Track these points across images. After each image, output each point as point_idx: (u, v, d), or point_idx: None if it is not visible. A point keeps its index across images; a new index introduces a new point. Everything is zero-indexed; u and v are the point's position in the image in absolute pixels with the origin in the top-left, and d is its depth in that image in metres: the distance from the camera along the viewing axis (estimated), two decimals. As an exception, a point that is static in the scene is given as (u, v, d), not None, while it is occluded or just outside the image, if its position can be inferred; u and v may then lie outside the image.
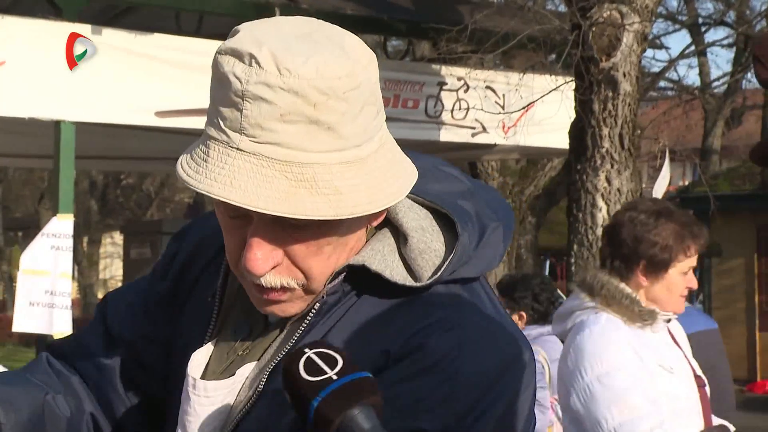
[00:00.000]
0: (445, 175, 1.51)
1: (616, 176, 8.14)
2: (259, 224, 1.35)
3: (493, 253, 1.47)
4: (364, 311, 1.41)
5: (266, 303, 1.41)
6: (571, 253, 8.31)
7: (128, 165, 16.48)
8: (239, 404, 1.44)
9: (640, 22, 8.17)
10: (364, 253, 1.42)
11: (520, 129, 10.39)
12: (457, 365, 1.35)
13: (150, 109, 8.72)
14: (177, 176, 1.37)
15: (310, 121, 1.31)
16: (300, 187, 1.31)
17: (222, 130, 1.33)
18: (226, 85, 1.32)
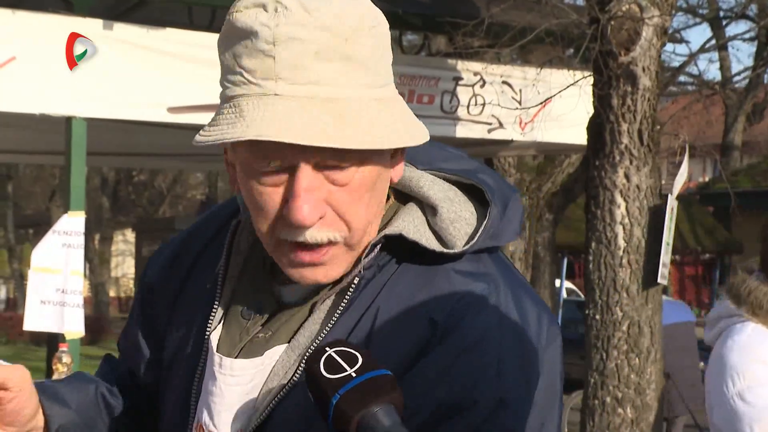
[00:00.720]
0: (453, 155, 1.55)
1: (635, 172, 8.02)
2: (303, 172, 1.35)
3: (517, 222, 1.50)
4: (404, 281, 1.43)
5: (309, 267, 1.40)
6: (589, 251, 8.19)
7: (140, 161, 16.48)
8: (274, 388, 1.43)
9: (660, 16, 8.03)
10: (398, 224, 1.45)
11: (537, 125, 10.28)
12: (503, 335, 1.38)
13: (162, 104, 8.66)
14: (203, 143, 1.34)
15: (343, 56, 1.34)
16: (342, 122, 1.32)
17: (252, 83, 1.34)
18: (251, 36, 1.33)
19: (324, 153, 1.34)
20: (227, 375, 1.45)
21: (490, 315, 1.39)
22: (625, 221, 8.01)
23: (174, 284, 1.60)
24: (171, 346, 1.57)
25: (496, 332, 1.38)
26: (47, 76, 8.17)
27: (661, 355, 8.25)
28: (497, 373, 1.36)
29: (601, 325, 8.05)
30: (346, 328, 1.42)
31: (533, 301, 1.46)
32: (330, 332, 1.41)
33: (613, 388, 8.02)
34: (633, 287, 7.99)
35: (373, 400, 1.25)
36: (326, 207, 1.37)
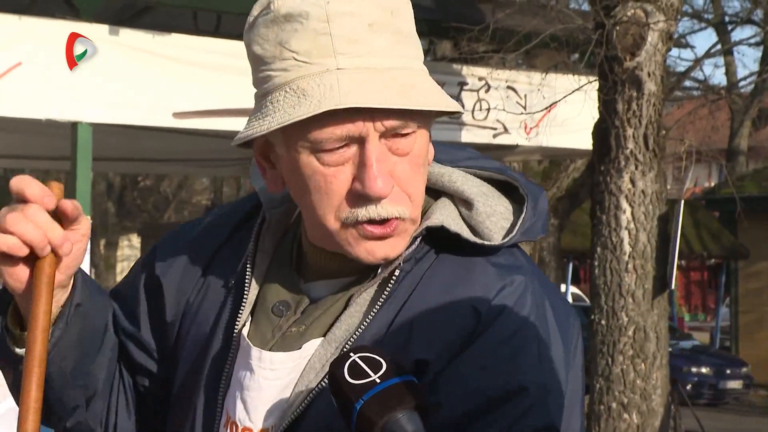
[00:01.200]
0: (475, 155, 1.57)
1: (641, 177, 8.01)
2: (374, 144, 1.36)
3: (544, 221, 1.52)
4: (442, 273, 1.44)
5: (377, 241, 1.41)
6: (594, 256, 8.19)
7: (146, 167, 16.49)
8: (310, 381, 1.42)
9: (665, 21, 8.03)
10: (436, 216, 1.45)
11: (542, 129, 10.27)
12: (541, 323, 1.41)
13: (168, 109, 8.67)
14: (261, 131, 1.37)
15: (394, 29, 1.38)
16: (405, 88, 1.35)
17: (309, 64, 1.35)
18: (301, 19, 1.35)
19: (391, 120, 1.36)
20: (267, 369, 1.45)
21: (529, 305, 1.42)
22: (631, 226, 8.00)
23: (186, 284, 1.59)
24: (194, 341, 1.56)
25: (535, 321, 1.41)
26: (53, 82, 8.18)
27: (667, 360, 8.24)
28: (539, 360, 1.39)
29: (607, 330, 8.04)
30: (385, 320, 1.42)
31: (560, 294, 1.52)
32: (370, 324, 1.42)
33: (618, 393, 8.01)
34: (638, 292, 7.98)
35: (397, 405, 1.26)
36: (393, 181, 1.39)
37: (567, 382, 1.43)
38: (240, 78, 8.83)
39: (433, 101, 1.37)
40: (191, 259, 1.61)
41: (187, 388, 1.55)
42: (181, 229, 1.70)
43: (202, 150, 11.22)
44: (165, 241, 1.67)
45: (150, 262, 1.64)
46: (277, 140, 1.43)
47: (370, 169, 1.36)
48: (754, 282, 19.32)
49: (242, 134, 1.40)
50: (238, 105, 8.78)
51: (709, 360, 17.31)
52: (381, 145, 1.37)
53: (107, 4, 8.93)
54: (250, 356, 1.47)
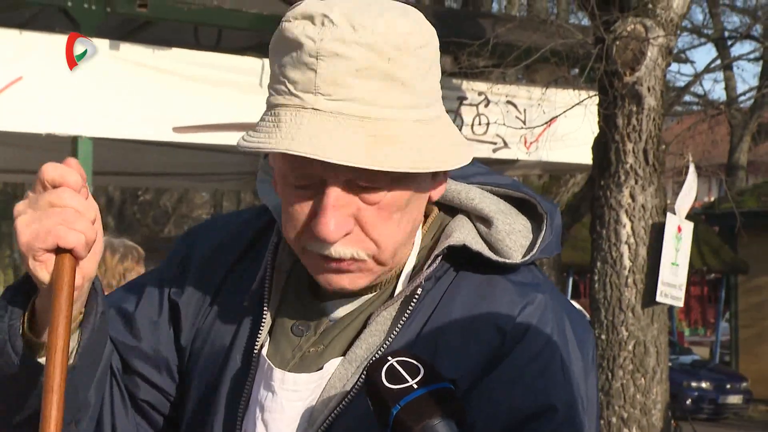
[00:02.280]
0: (488, 170, 1.56)
1: (641, 192, 8.01)
2: (332, 189, 1.34)
3: (559, 235, 1.52)
4: (463, 291, 1.44)
5: (334, 273, 1.40)
6: (594, 270, 8.18)
7: (146, 181, 16.49)
8: (330, 400, 1.42)
9: (665, 36, 8.04)
10: (457, 235, 1.45)
11: (542, 144, 10.28)
12: (562, 339, 1.42)
13: (168, 124, 8.69)
14: (243, 149, 1.35)
15: (385, 76, 1.32)
16: (378, 142, 1.31)
17: (293, 94, 1.33)
18: (296, 48, 1.33)
19: (355, 172, 1.33)
20: (289, 390, 1.44)
21: (551, 323, 1.42)
22: (631, 241, 7.99)
23: (198, 306, 1.57)
24: (210, 361, 1.54)
25: (557, 339, 1.41)
26: (53, 96, 8.20)
27: (667, 375, 8.22)
28: (564, 378, 1.40)
29: (607, 344, 8.02)
30: (408, 338, 1.41)
31: (575, 308, 1.51)
32: (392, 343, 1.41)
33: (618, 408, 7.99)
34: (638, 307, 7.97)
35: (434, 412, 1.25)
36: (353, 224, 1.37)
37: (587, 396, 1.44)
38: (240, 93, 8.87)
39: (399, 162, 1.32)
40: (203, 280, 1.59)
41: (204, 409, 1.53)
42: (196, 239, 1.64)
43: (202, 164, 11.23)
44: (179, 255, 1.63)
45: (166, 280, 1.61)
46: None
47: (322, 215, 1.35)
48: (754, 297, 19.31)
49: (238, 143, 1.39)
50: (239, 119, 8.79)
51: (709, 375, 17.28)
52: (344, 191, 1.35)
53: (108, 19, 8.95)
54: (272, 377, 1.45)
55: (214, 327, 1.55)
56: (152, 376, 1.57)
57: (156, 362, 1.57)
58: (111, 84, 8.35)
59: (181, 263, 1.61)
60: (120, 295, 1.64)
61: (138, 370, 1.57)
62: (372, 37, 1.32)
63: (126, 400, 1.56)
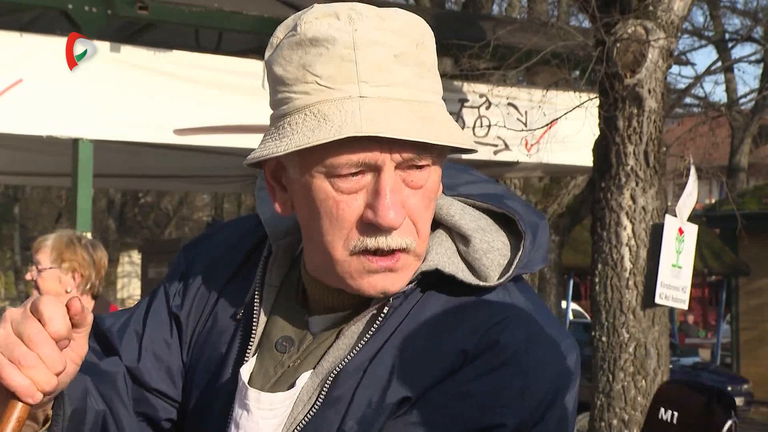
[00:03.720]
0: (479, 178, 1.56)
1: (641, 194, 8.01)
2: (389, 173, 1.36)
3: (545, 249, 1.51)
4: (430, 309, 1.43)
5: (381, 274, 1.39)
6: (595, 272, 8.18)
7: (147, 183, 16.49)
8: (299, 413, 1.42)
9: (666, 38, 8.04)
10: (432, 257, 1.44)
11: (543, 146, 10.28)
12: (529, 359, 1.39)
13: (169, 126, 8.68)
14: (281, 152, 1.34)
15: (417, 61, 1.37)
16: (425, 121, 1.34)
17: (332, 89, 1.34)
18: (327, 43, 1.34)
19: (408, 151, 1.36)
20: (266, 410, 1.44)
21: (518, 342, 1.39)
22: (632, 243, 7.99)
23: (201, 310, 1.59)
24: (203, 375, 1.55)
25: (522, 358, 1.38)
26: (54, 99, 8.19)
27: (668, 377, 8.22)
28: (521, 397, 1.37)
29: (608, 346, 8.02)
30: (370, 353, 1.41)
31: (557, 332, 1.46)
32: (354, 357, 1.41)
33: (619, 410, 7.99)
34: (639, 309, 7.97)
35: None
36: (405, 212, 1.39)
37: (550, 422, 1.40)
38: (241, 95, 8.87)
39: (452, 137, 1.36)
40: (201, 293, 1.60)
41: (197, 423, 1.55)
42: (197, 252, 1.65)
43: (203, 166, 11.22)
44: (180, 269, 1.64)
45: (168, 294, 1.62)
46: (292, 163, 1.42)
47: (384, 199, 1.35)
48: (755, 299, 19.29)
49: (257, 153, 1.38)
50: (239, 122, 8.79)
51: (710, 377, 17.27)
52: (396, 176, 1.37)
53: (109, 21, 8.95)
54: (247, 396, 1.46)
55: (209, 341, 1.56)
56: (169, 391, 1.58)
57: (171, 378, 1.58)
58: (112, 86, 8.35)
59: (182, 277, 1.62)
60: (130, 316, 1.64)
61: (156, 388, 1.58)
62: (400, 25, 1.37)
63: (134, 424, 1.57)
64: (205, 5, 9.16)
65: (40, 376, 1.23)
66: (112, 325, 1.62)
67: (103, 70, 8.27)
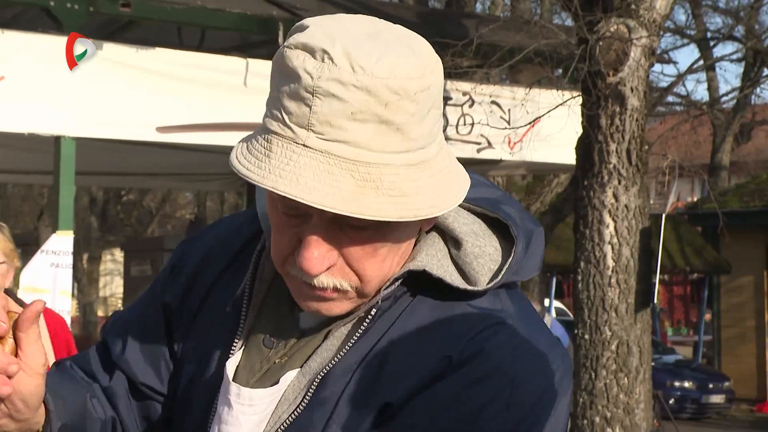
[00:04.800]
0: (478, 181, 1.51)
1: (624, 192, 8.04)
2: (318, 223, 1.33)
3: (537, 259, 1.48)
4: (419, 314, 1.42)
5: (313, 299, 1.39)
6: (577, 270, 8.20)
7: (129, 181, 16.45)
8: (284, 413, 1.42)
9: (648, 37, 8.07)
10: (421, 258, 1.42)
11: (526, 144, 10.30)
12: (516, 369, 1.36)
13: (151, 124, 8.66)
14: (235, 170, 1.33)
15: (380, 120, 1.30)
16: (366, 187, 1.29)
17: (287, 125, 1.30)
18: (294, 79, 1.30)
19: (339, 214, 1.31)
20: (245, 405, 1.44)
21: (505, 351, 1.37)
22: (614, 241, 8.02)
23: (193, 302, 1.59)
24: (190, 367, 1.55)
25: (509, 368, 1.36)
26: (36, 96, 8.16)
27: (650, 375, 8.25)
28: (506, 407, 1.35)
29: (590, 344, 8.05)
30: (358, 356, 1.40)
31: (547, 342, 1.43)
32: (342, 359, 1.40)
33: (602, 407, 8.01)
34: (622, 307, 8.00)
35: None
36: (336, 257, 1.35)
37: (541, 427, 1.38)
38: (224, 93, 8.86)
39: (386, 209, 1.29)
40: (194, 286, 1.60)
41: (182, 414, 1.55)
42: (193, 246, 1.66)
43: (185, 164, 11.20)
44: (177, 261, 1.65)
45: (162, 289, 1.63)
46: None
47: (306, 248, 1.34)
48: (736, 297, 19.38)
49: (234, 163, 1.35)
50: (222, 119, 8.78)
51: (691, 374, 17.34)
52: (329, 227, 1.34)
53: (91, 19, 8.92)
54: (229, 391, 1.46)
55: (199, 333, 1.56)
56: (156, 386, 1.59)
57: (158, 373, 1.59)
58: (94, 84, 8.32)
59: (174, 268, 1.64)
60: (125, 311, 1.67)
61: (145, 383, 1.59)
62: (371, 81, 1.28)
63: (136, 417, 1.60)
64: (187, 2, 9.14)
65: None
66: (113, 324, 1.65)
67: (85, 67, 8.24)
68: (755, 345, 19.06)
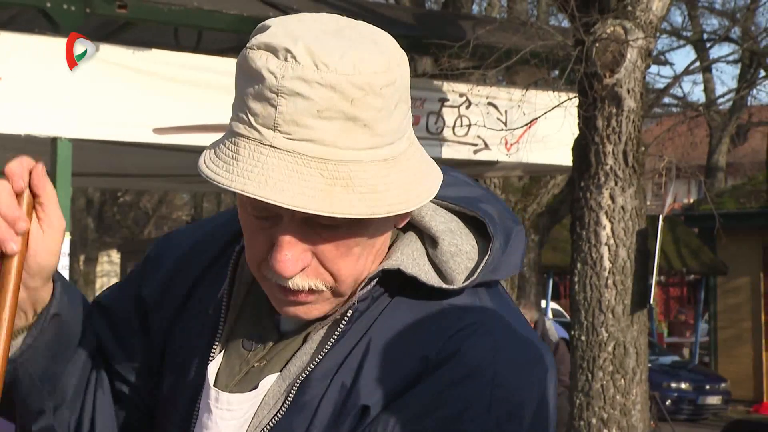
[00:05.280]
0: (458, 180, 1.51)
1: (620, 193, 8.05)
2: (290, 224, 1.32)
3: (518, 256, 1.47)
4: (397, 315, 1.40)
5: (290, 304, 1.38)
6: (574, 272, 8.21)
7: (126, 182, 16.44)
8: (264, 417, 1.41)
9: (644, 38, 8.08)
10: (396, 257, 1.41)
11: (522, 146, 10.30)
12: (496, 369, 1.35)
13: (148, 125, 8.65)
14: (204, 175, 1.32)
15: (346, 117, 1.28)
16: (335, 185, 1.28)
17: (253, 127, 1.29)
18: (258, 80, 1.28)
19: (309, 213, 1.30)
20: (224, 410, 1.43)
21: (484, 350, 1.35)
22: (611, 242, 8.03)
23: (174, 301, 1.57)
24: (173, 369, 1.55)
25: (488, 368, 1.34)
26: (33, 97, 8.15)
27: (647, 376, 8.25)
28: (487, 408, 1.34)
29: (587, 345, 8.05)
30: (337, 359, 1.39)
31: (528, 340, 1.42)
32: (320, 363, 1.39)
33: (598, 409, 8.02)
34: (618, 308, 8.00)
35: None
36: (310, 257, 1.34)
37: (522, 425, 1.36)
38: (220, 94, 8.85)
39: (357, 207, 1.28)
40: (174, 283, 1.58)
41: (164, 420, 1.54)
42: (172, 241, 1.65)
43: (182, 165, 11.18)
44: (155, 255, 1.64)
45: (138, 281, 1.61)
46: None
47: (278, 250, 1.32)
48: (733, 298, 19.41)
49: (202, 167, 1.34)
50: (219, 121, 8.77)
51: (688, 375, 17.36)
52: (301, 228, 1.32)
53: (87, 20, 8.91)
54: (209, 396, 1.45)
55: (181, 333, 1.54)
56: (129, 377, 1.58)
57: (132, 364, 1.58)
58: (90, 85, 8.31)
59: (152, 262, 1.62)
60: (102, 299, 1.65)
61: (118, 371, 1.58)
62: (335, 78, 1.27)
63: (108, 394, 1.58)
64: (184, 4, 9.14)
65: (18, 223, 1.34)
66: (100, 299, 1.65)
67: (81, 68, 8.23)
68: (752, 346, 19.09)
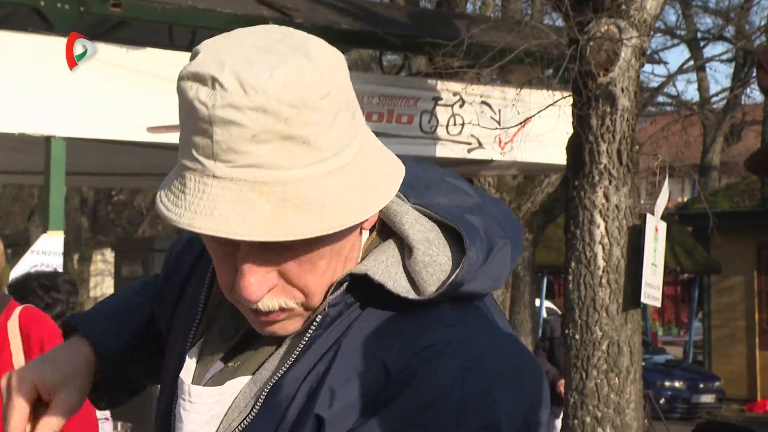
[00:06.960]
0: (453, 188, 1.47)
1: (615, 192, 8.05)
2: (249, 250, 1.30)
3: (501, 271, 1.42)
4: (368, 324, 1.37)
5: (265, 324, 1.37)
6: (568, 270, 8.21)
7: (120, 181, 16.43)
8: (234, 420, 1.40)
9: (639, 37, 8.08)
10: (367, 263, 1.38)
11: (516, 144, 10.31)
12: (465, 391, 1.29)
13: (142, 124, 8.65)
14: (158, 212, 1.31)
15: (283, 137, 1.25)
16: (284, 206, 1.25)
17: (195, 159, 1.27)
18: (192, 111, 1.26)
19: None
20: (187, 401, 1.44)
21: (453, 368, 1.30)
22: (605, 241, 8.03)
23: (172, 296, 1.61)
24: (168, 359, 1.58)
25: (456, 389, 1.29)
26: (26, 96, 8.15)
27: (641, 374, 8.26)
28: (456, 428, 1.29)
29: (581, 344, 8.06)
30: (308, 365, 1.37)
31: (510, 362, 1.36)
32: (290, 368, 1.38)
33: (593, 407, 8.02)
34: (612, 307, 8.00)
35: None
36: (276, 278, 1.33)
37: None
38: (215, 93, 8.85)
39: (309, 225, 1.26)
40: (172, 279, 1.62)
41: (158, 403, 1.58)
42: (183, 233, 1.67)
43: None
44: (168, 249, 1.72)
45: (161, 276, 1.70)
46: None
47: (241, 277, 1.32)
48: (727, 297, 19.43)
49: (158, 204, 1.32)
50: (213, 120, 8.75)
51: (682, 374, 17.38)
52: (261, 251, 1.31)
53: (81, 19, 8.91)
54: (182, 387, 1.46)
55: (175, 325, 1.58)
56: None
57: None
58: (84, 84, 8.31)
59: (167, 256, 1.69)
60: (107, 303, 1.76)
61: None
62: (265, 100, 1.23)
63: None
64: (178, 3, 9.14)
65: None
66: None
67: (75, 67, 8.23)
68: (745, 345, 19.12)
